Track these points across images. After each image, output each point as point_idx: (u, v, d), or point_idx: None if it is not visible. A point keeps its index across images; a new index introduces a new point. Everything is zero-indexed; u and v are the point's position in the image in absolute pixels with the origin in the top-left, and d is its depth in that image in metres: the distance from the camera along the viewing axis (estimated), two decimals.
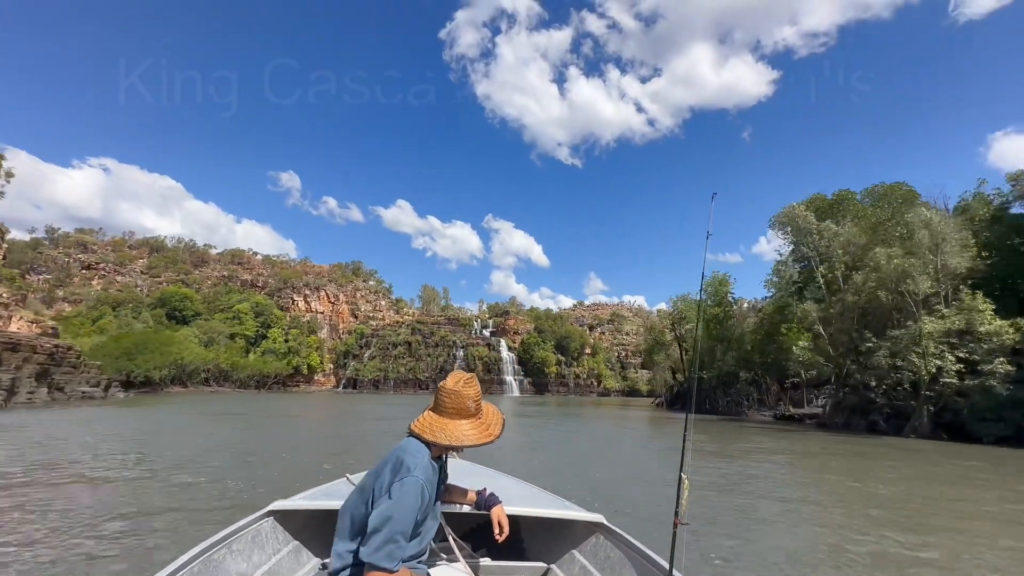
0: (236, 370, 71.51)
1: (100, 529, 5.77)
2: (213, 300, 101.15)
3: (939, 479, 11.97)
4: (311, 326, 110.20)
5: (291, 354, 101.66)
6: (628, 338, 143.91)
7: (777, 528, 7.01)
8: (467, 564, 2.33)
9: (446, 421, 1.91)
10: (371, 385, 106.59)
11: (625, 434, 23.02)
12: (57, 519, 6.15)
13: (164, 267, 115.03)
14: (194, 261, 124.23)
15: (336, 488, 3.12)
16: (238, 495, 7.73)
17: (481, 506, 2.35)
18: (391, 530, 1.62)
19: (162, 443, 13.87)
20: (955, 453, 17.34)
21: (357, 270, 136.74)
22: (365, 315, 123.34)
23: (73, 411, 25.30)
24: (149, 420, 21.25)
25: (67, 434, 15.41)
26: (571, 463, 12.78)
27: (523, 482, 3.70)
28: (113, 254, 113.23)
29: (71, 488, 7.97)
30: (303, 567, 2.65)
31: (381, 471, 1.84)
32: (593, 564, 2.68)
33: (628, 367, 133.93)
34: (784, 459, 14.67)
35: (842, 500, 9.04)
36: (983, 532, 7.10)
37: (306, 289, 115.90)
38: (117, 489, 7.99)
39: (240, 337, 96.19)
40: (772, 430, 25.15)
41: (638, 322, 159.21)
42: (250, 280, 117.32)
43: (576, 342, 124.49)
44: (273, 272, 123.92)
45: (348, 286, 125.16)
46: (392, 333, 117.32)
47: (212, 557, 2.13)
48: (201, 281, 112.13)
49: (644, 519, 6.95)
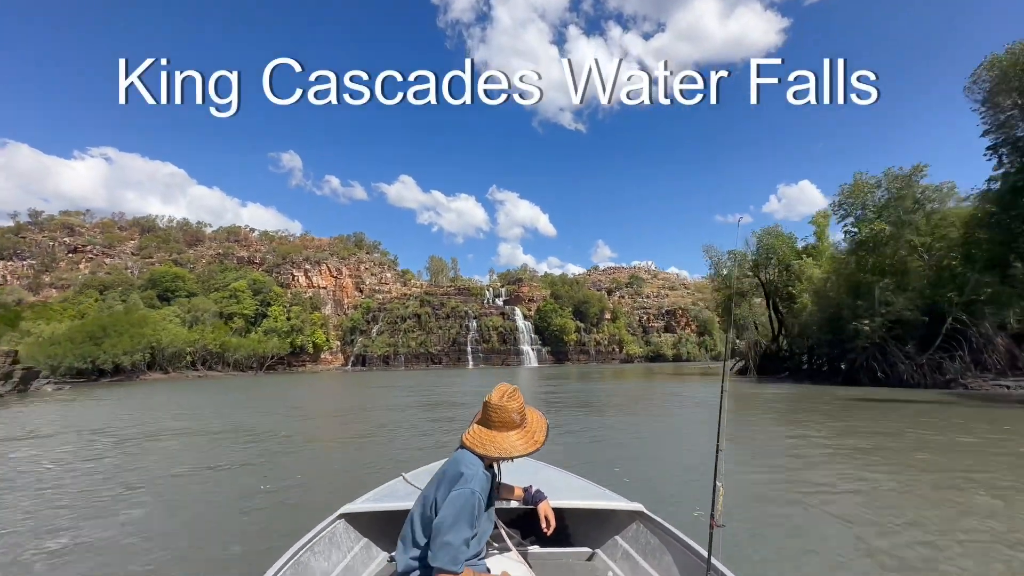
0: (228, 352, 65.05)
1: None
2: (207, 279, 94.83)
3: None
4: (314, 302, 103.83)
5: (294, 332, 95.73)
6: (649, 301, 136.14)
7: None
8: (518, 552, 2.45)
9: (495, 434, 2.07)
10: (381, 361, 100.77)
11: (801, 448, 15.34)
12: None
13: (156, 247, 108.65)
14: (188, 240, 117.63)
15: (394, 488, 3.36)
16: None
17: (528, 502, 2.51)
18: (453, 538, 1.81)
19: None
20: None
21: (360, 242, 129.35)
22: (371, 289, 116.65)
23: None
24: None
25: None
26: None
27: (565, 472, 3.86)
28: (101, 236, 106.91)
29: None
30: (373, 561, 2.91)
31: (440, 481, 2.01)
32: (635, 549, 2.84)
33: (650, 331, 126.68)
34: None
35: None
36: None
37: (306, 264, 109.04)
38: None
39: (239, 317, 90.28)
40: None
41: (658, 284, 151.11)
42: (247, 257, 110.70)
43: (595, 307, 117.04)
44: (271, 248, 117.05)
45: (351, 259, 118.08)
46: (400, 306, 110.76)
47: (300, 559, 2.39)
48: (195, 260, 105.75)
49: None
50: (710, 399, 18.25)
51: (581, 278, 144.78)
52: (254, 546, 4.47)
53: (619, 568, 2.79)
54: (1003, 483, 6.33)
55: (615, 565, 2.83)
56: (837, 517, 5.08)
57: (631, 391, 23.82)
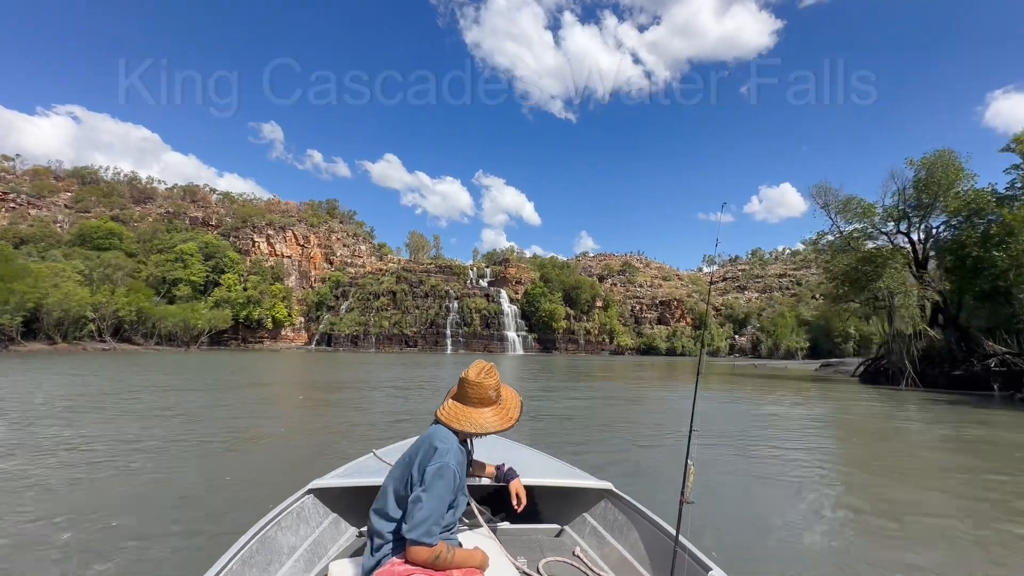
0: (152, 321, 53.51)
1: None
2: (150, 239, 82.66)
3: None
4: (276, 272, 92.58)
5: (250, 304, 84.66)
6: (642, 290, 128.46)
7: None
8: (488, 528, 2.47)
9: (470, 410, 2.05)
10: (349, 341, 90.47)
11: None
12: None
13: (96, 201, 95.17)
14: (136, 196, 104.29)
15: (366, 464, 3.28)
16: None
17: (500, 479, 2.53)
18: (429, 511, 1.79)
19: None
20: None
21: (332, 210, 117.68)
22: (342, 261, 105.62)
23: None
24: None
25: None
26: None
27: (537, 451, 3.85)
28: (29, 184, 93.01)
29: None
30: (342, 536, 2.87)
31: (414, 456, 1.98)
32: (603, 526, 2.85)
33: (643, 322, 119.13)
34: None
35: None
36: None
37: (269, 229, 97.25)
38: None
39: (184, 283, 78.76)
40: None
41: (651, 273, 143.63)
42: (201, 218, 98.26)
43: (586, 293, 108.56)
44: (232, 211, 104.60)
45: (321, 227, 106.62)
46: (374, 282, 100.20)
47: (267, 535, 2.32)
48: (141, 218, 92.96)
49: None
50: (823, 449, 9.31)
51: (573, 262, 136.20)
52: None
53: (587, 544, 2.82)
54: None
55: (583, 541, 2.86)
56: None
57: (652, 404, 14.89)
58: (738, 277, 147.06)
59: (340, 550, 2.73)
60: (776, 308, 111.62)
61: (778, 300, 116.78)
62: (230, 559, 2.02)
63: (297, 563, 2.44)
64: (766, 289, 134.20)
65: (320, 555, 2.63)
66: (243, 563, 2.08)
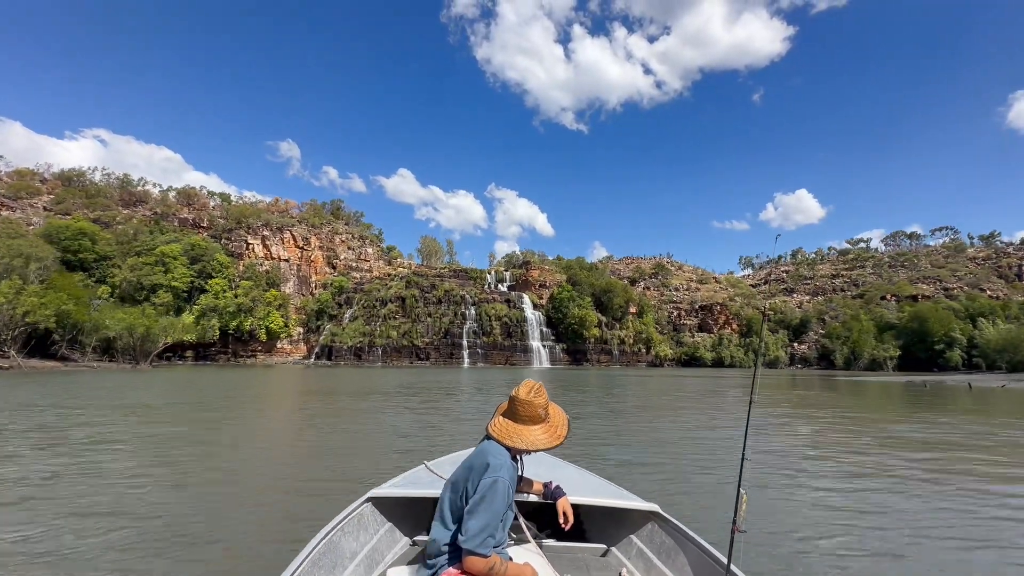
0: (85, 329, 42.13)
1: None
2: (129, 240, 73.47)
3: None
4: (271, 277, 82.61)
5: (241, 314, 74.65)
6: (679, 294, 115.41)
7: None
8: (536, 544, 2.49)
9: (520, 428, 2.14)
10: (352, 354, 79.53)
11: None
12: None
13: (80, 204, 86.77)
14: (126, 199, 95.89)
15: (417, 476, 3.34)
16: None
17: (548, 497, 2.57)
18: (484, 523, 1.87)
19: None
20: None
21: (337, 210, 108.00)
22: (346, 265, 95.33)
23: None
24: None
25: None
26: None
27: (584, 470, 3.84)
28: (7, 186, 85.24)
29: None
30: (397, 544, 2.96)
31: (470, 470, 2.06)
32: (650, 548, 2.82)
33: (682, 330, 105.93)
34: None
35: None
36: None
37: (265, 230, 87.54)
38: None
39: (165, 290, 69.10)
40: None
41: (685, 276, 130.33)
42: (191, 219, 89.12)
43: (619, 298, 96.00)
44: (226, 211, 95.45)
45: (324, 228, 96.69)
46: (381, 287, 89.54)
47: (332, 539, 2.45)
48: (126, 220, 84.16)
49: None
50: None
51: (600, 265, 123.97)
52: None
53: (633, 566, 2.80)
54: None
55: (629, 562, 2.84)
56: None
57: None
58: (783, 279, 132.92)
59: (396, 557, 2.84)
60: (837, 310, 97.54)
61: (838, 303, 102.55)
62: (302, 561, 2.12)
63: (358, 568, 2.53)
64: (817, 291, 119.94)
65: (377, 561, 2.72)
66: (312, 565, 2.20)
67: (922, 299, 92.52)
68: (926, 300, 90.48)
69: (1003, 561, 4.06)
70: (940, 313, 70.08)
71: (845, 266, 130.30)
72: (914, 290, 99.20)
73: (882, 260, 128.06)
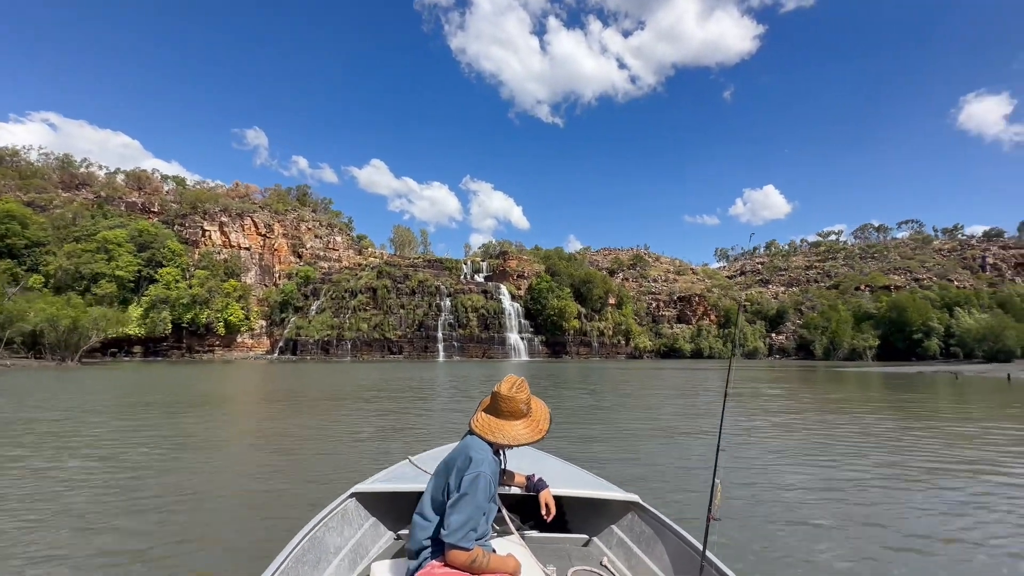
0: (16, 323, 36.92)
1: None
2: (66, 225, 66.71)
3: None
4: (230, 267, 76.89)
5: (196, 305, 69.01)
6: (657, 285, 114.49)
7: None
8: (519, 535, 2.51)
9: (502, 423, 2.14)
10: (319, 348, 74.91)
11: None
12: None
13: (13, 186, 78.65)
14: (68, 182, 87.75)
15: (401, 471, 3.36)
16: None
17: (531, 489, 2.61)
18: (466, 517, 1.89)
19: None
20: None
21: (304, 196, 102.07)
22: (312, 254, 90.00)
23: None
24: None
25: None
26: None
27: (566, 462, 3.87)
28: None
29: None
30: (381, 538, 2.97)
31: (452, 465, 2.08)
32: (630, 537, 2.87)
33: (660, 321, 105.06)
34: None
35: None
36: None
37: (223, 216, 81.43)
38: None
39: (108, 280, 62.94)
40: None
41: (663, 267, 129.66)
42: (140, 203, 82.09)
43: (599, 289, 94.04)
44: (180, 196, 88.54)
45: (289, 215, 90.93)
46: (351, 277, 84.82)
47: (316, 535, 2.46)
48: (65, 204, 76.73)
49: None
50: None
51: (578, 256, 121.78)
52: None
53: (614, 555, 2.83)
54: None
55: (610, 552, 2.86)
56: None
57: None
58: (759, 271, 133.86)
59: (380, 551, 2.85)
60: (814, 301, 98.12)
61: (814, 293, 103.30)
62: (285, 557, 2.12)
63: (342, 563, 2.55)
64: (792, 282, 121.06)
65: (362, 556, 2.74)
66: (296, 561, 2.21)
67: (895, 290, 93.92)
68: (899, 290, 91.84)
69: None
70: (918, 303, 70.58)
71: (818, 258, 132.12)
72: (887, 280, 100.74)
73: (853, 252, 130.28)
